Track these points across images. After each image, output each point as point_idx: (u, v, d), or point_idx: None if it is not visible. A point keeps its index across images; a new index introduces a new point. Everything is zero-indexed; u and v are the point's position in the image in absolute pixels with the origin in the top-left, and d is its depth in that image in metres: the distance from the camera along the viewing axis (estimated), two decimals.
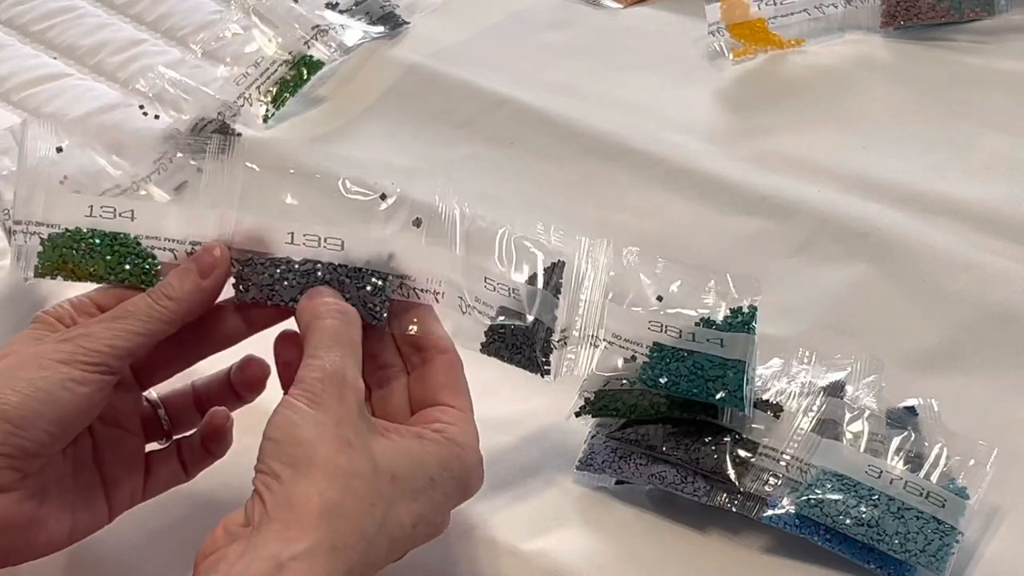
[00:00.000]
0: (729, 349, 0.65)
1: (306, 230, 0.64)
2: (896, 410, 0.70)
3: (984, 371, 0.76)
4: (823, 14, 1.04)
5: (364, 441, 0.57)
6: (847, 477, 0.64)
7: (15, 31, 1.12)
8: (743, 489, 0.65)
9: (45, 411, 0.58)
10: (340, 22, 1.05)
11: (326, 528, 0.54)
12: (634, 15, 1.10)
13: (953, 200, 0.87)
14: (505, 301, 0.65)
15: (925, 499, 0.64)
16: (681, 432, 0.67)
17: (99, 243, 0.64)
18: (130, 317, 0.61)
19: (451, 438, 0.60)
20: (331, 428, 0.56)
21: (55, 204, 0.64)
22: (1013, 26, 1.03)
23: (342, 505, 0.55)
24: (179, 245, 0.64)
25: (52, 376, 0.58)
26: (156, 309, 0.61)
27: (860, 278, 0.82)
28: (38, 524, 0.59)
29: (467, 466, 0.60)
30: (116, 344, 0.60)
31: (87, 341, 0.60)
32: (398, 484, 0.57)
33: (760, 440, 0.66)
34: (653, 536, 0.67)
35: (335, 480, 0.55)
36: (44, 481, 0.60)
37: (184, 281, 0.62)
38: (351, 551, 0.54)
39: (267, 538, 0.54)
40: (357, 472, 0.56)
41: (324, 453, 0.55)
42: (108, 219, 0.64)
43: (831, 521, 0.63)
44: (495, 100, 0.99)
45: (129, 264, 0.64)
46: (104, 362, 0.59)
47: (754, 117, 0.97)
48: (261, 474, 0.56)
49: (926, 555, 0.63)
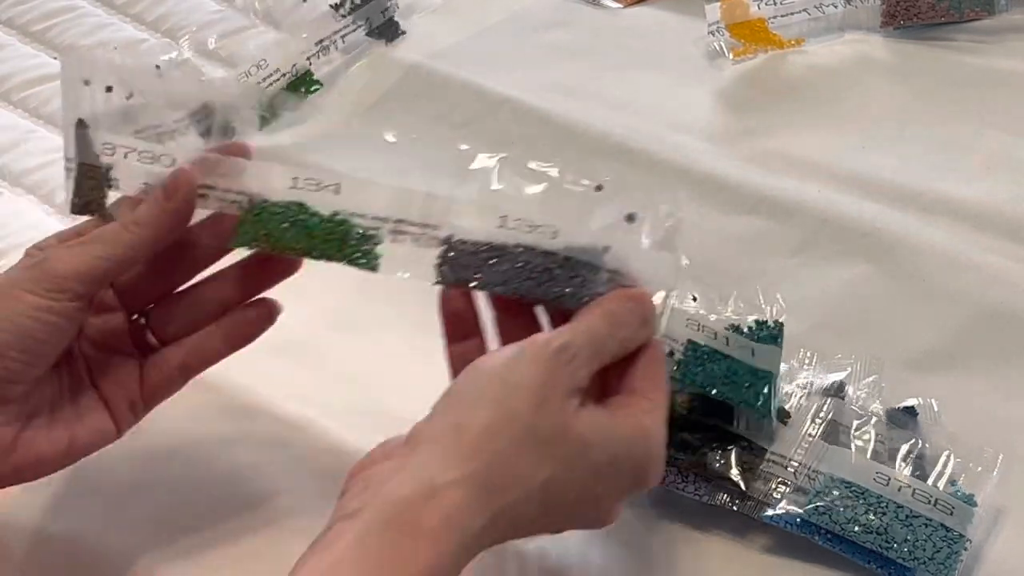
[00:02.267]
0: (759, 359, 0.66)
1: (519, 215, 0.61)
2: (896, 410, 0.70)
3: (984, 371, 0.76)
4: (823, 14, 1.04)
5: (560, 407, 0.55)
6: (855, 484, 0.64)
7: (15, 31, 1.12)
8: (750, 494, 0.65)
9: (13, 341, 0.59)
10: (342, 32, 1.04)
11: (486, 464, 0.53)
12: (634, 15, 1.10)
13: (953, 200, 0.87)
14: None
15: (933, 507, 0.64)
16: (689, 436, 0.67)
17: (305, 218, 0.63)
18: (97, 242, 0.61)
19: (641, 423, 0.58)
20: (534, 383, 0.55)
21: (253, 174, 0.64)
22: (1013, 26, 1.03)
23: (509, 450, 0.54)
24: (383, 223, 0.63)
25: (18, 306, 0.59)
26: (123, 235, 0.61)
27: (860, 278, 0.82)
28: (24, 447, 0.60)
29: (651, 455, 0.58)
30: (80, 269, 0.60)
31: (51, 266, 0.60)
32: (583, 453, 0.56)
33: (768, 446, 0.66)
34: (653, 536, 0.67)
35: (512, 425, 0.54)
36: (31, 406, 0.61)
37: (152, 207, 0.62)
38: (503, 495, 0.54)
39: (425, 459, 0.53)
40: (537, 429, 0.55)
41: (516, 398, 0.55)
42: (311, 191, 0.63)
43: (840, 529, 0.63)
44: (495, 100, 0.99)
45: (335, 241, 0.63)
46: (69, 287, 0.60)
47: (754, 117, 0.97)
48: (446, 395, 0.56)
49: (935, 563, 0.63)
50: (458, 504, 0.52)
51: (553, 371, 0.56)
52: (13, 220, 0.91)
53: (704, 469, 0.66)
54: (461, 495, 0.52)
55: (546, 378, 0.55)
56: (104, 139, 0.64)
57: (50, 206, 0.93)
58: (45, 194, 0.93)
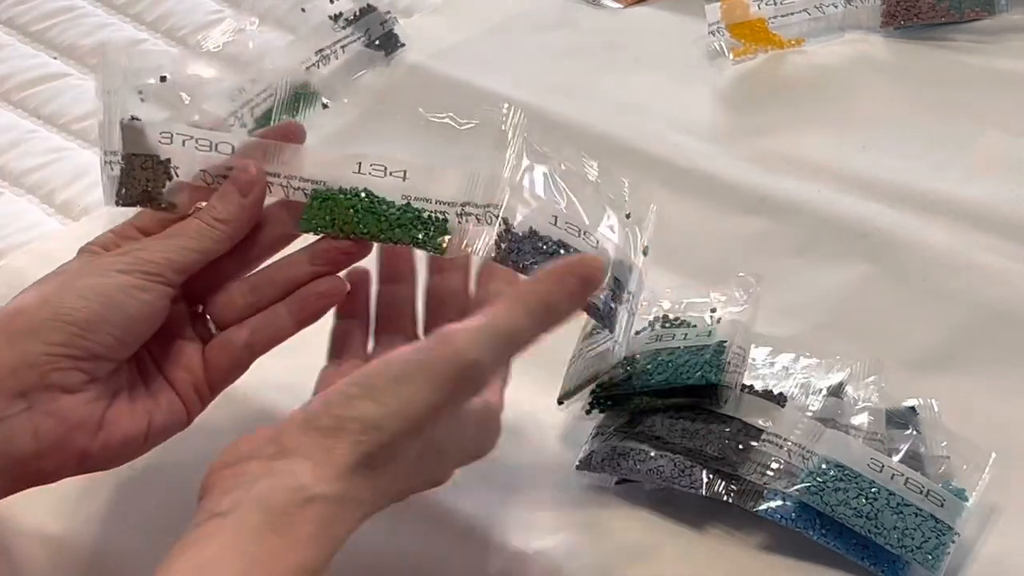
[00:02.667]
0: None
1: (569, 218, 0.63)
2: (897, 410, 0.70)
3: (984, 371, 0.76)
4: (823, 14, 1.04)
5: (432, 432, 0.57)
6: (849, 468, 0.64)
7: (15, 31, 1.12)
8: (744, 475, 0.65)
9: (109, 315, 0.60)
10: (341, 42, 1.02)
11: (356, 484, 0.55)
12: (634, 15, 1.10)
13: (953, 200, 0.87)
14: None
15: (925, 497, 0.64)
16: (687, 421, 0.67)
17: (373, 203, 0.64)
18: (183, 236, 0.63)
19: (486, 399, 0.61)
20: (422, 415, 0.56)
21: (315, 160, 0.65)
22: (1013, 26, 1.03)
23: (379, 472, 0.55)
24: (449, 208, 0.64)
25: (114, 283, 0.61)
26: (207, 230, 0.63)
27: (860, 278, 0.82)
28: (111, 424, 0.61)
29: (490, 429, 0.63)
30: (172, 258, 0.62)
31: (145, 253, 0.62)
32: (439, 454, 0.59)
33: (764, 427, 0.67)
34: (653, 536, 0.67)
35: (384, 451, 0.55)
36: (115, 386, 0.62)
37: (228, 203, 0.64)
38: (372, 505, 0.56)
39: (299, 467, 0.54)
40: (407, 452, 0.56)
41: (394, 428, 0.55)
42: (378, 178, 0.64)
43: (830, 510, 0.63)
44: (495, 100, 0.99)
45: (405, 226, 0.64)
46: (162, 273, 0.62)
47: (754, 117, 0.97)
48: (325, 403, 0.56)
49: (922, 552, 0.63)
50: (332, 515, 0.54)
51: (447, 398, 0.56)
52: (13, 220, 0.91)
53: (701, 452, 0.66)
54: (334, 508, 0.54)
55: (437, 402, 0.56)
56: (162, 128, 0.65)
57: (50, 206, 0.93)
58: (45, 194, 0.94)
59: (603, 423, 0.70)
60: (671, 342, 0.69)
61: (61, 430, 0.59)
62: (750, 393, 0.69)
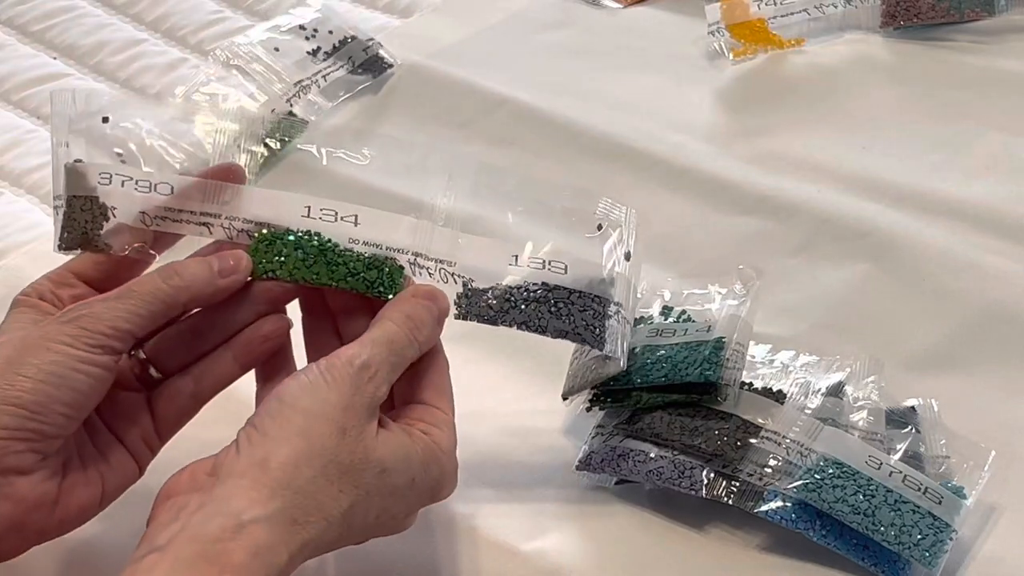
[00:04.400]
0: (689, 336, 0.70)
1: (530, 252, 0.64)
2: (896, 410, 0.70)
3: (984, 371, 0.76)
4: (823, 14, 1.04)
5: (360, 433, 0.57)
6: (847, 465, 0.65)
7: (15, 31, 1.12)
8: (743, 473, 0.65)
9: (59, 394, 0.58)
10: (324, 72, 1.00)
11: (291, 499, 0.55)
12: (634, 15, 1.10)
13: (953, 200, 0.87)
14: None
15: (923, 494, 0.64)
16: (685, 418, 0.67)
17: (321, 247, 0.63)
18: (134, 297, 0.60)
19: (436, 442, 0.60)
20: (336, 411, 0.57)
21: (262, 201, 0.64)
22: (1013, 26, 1.03)
23: (313, 483, 0.55)
24: (401, 255, 0.64)
25: (61, 359, 0.58)
26: (161, 289, 0.61)
27: (860, 278, 0.82)
28: (67, 497, 0.60)
29: (445, 472, 0.61)
30: (119, 326, 0.60)
31: (90, 322, 0.59)
32: (383, 478, 0.57)
33: (763, 424, 0.67)
34: (653, 536, 0.67)
35: (315, 459, 0.55)
36: (65, 455, 0.61)
37: (200, 268, 0.62)
38: (309, 528, 0.55)
39: (232, 492, 0.54)
40: (339, 460, 0.56)
41: (318, 430, 0.56)
42: (328, 223, 0.63)
43: (827, 507, 0.63)
44: (495, 100, 0.99)
45: (355, 272, 0.63)
46: (108, 344, 0.59)
47: (754, 117, 0.97)
48: (250, 426, 0.57)
49: (919, 549, 0.63)
50: (265, 540, 0.53)
51: (354, 394, 0.57)
52: (13, 220, 0.91)
53: (700, 449, 0.66)
54: (267, 532, 0.53)
55: (348, 402, 0.57)
56: (101, 169, 0.64)
57: (50, 206, 0.93)
58: (45, 194, 0.93)
59: (602, 421, 0.70)
60: (671, 337, 0.69)
61: (19, 512, 0.58)
62: (749, 390, 0.69)
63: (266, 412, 0.57)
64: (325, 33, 1.02)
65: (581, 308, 0.64)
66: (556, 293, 0.64)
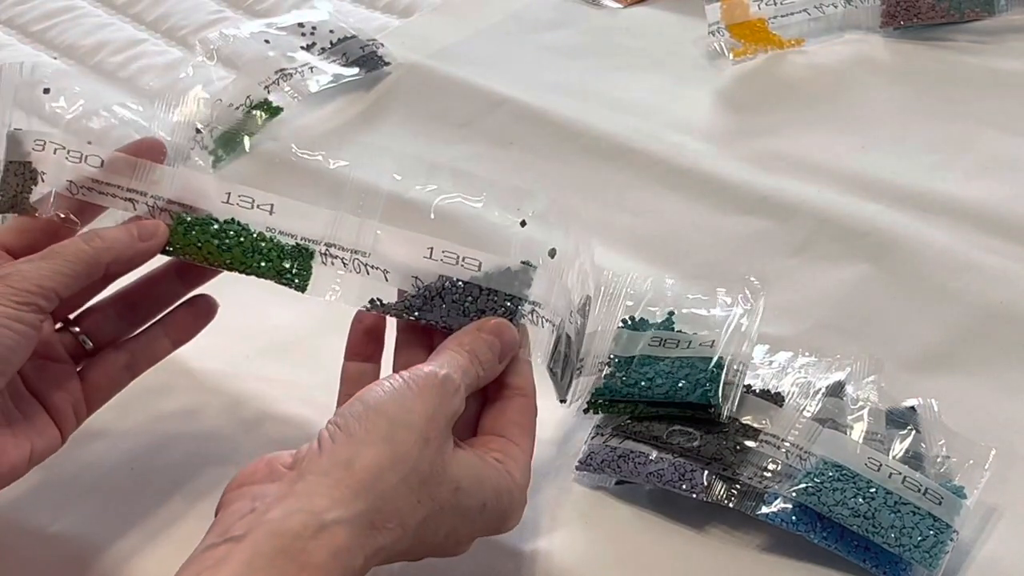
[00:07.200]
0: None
1: (445, 247, 0.64)
2: (896, 410, 0.70)
3: (984, 371, 0.76)
4: (823, 14, 1.04)
5: (441, 445, 0.57)
6: (846, 468, 0.64)
7: (15, 31, 1.12)
8: (742, 476, 0.65)
9: None
10: (311, 64, 1.00)
11: (373, 503, 0.54)
12: (634, 15, 1.10)
13: (953, 200, 0.87)
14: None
15: (923, 495, 0.64)
16: (685, 423, 0.67)
17: (236, 233, 0.65)
18: (58, 257, 0.62)
19: (510, 472, 0.61)
20: (420, 420, 0.57)
21: (185, 184, 0.65)
22: (1013, 26, 1.03)
23: (395, 490, 0.55)
24: (314, 245, 0.65)
25: None
26: (84, 250, 0.62)
27: (860, 278, 0.82)
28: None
29: (514, 505, 0.61)
30: (45, 284, 0.61)
31: (17, 281, 0.60)
32: (457, 496, 0.58)
33: (762, 427, 0.67)
34: (653, 536, 0.67)
35: (399, 465, 0.55)
36: None
37: (120, 232, 0.64)
38: (385, 534, 0.55)
39: (314, 489, 0.54)
40: (419, 469, 0.56)
41: (402, 437, 0.56)
42: (245, 209, 0.65)
43: (827, 510, 0.63)
44: (495, 100, 0.99)
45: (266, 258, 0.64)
46: (34, 301, 0.60)
47: (754, 117, 0.98)
48: (333, 426, 0.57)
49: (920, 550, 0.63)
50: (345, 542, 0.53)
51: (438, 406, 0.58)
52: None
53: (698, 453, 0.66)
54: (347, 534, 0.53)
55: (432, 412, 0.57)
56: (36, 136, 0.65)
57: None
58: None
59: (602, 422, 0.70)
60: (673, 349, 0.69)
61: None
62: (748, 393, 0.69)
63: (350, 413, 0.57)
64: (325, 32, 1.03)
65: (493, 306, 0.64)
66: (468, 289, 0.64)
